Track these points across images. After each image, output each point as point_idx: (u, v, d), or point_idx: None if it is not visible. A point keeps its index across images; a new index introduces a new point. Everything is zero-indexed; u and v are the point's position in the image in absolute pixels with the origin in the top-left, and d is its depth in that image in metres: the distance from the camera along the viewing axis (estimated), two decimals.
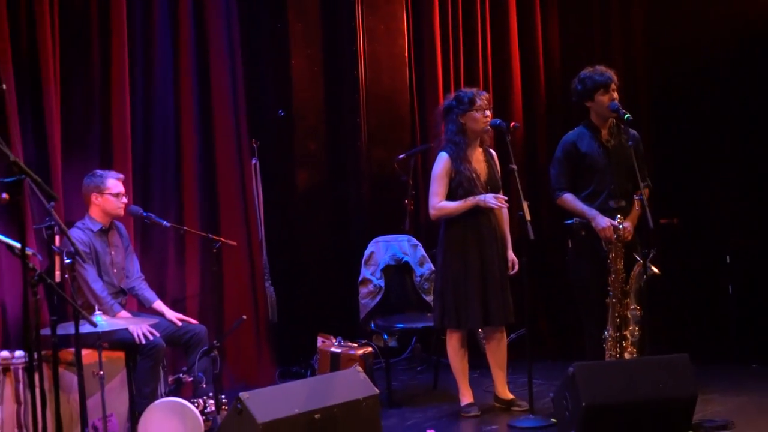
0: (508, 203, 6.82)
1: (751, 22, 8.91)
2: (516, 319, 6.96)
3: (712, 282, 8.78)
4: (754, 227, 8.88)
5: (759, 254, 8.75)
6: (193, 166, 8.16)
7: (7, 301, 6.94)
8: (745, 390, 7.12)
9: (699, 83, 9.12)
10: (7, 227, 6.25)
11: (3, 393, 6.05)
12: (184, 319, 7.00)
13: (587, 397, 5.89)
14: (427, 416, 6.98)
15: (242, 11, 8.54)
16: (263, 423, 5.32)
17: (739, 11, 8.92)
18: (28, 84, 7.13)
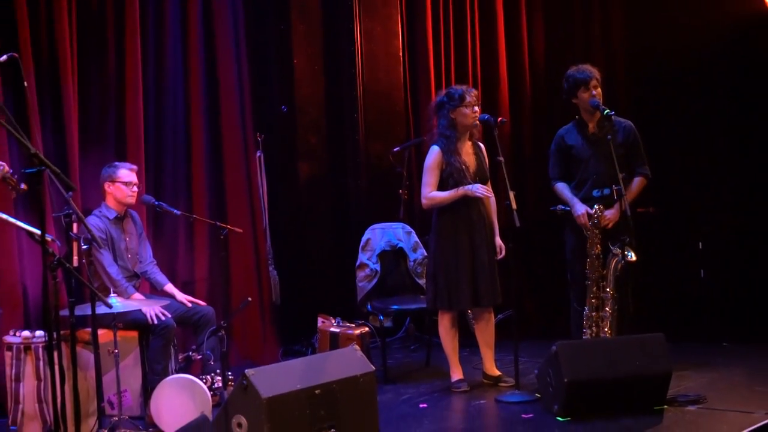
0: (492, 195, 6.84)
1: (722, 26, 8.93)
2: (503, 300, 6.97)
3: (685, 266, 8.78)
4: (725, 216, 8.90)
5: (729, 241, 8.79)
6: (202, 158, 8.15)
7: (28, 284, 6.95)
8: (716, 367, 7.12)
9: (674, 81, 9.14)
10: (28, 215, 6.25)
11: (24, 370, 6.05)
12: (193, 300, 7.00)
13: (569, 374, 5.91)
14: (420, 392, 6.98)
15: (248, 13, 8.53)
16: (267, 398, 5.31)
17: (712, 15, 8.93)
18: (48, 81, 7.13)
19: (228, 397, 5.57)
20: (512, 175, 6.75)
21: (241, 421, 5.38)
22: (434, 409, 6.51)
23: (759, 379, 6.67)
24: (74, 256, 5.77)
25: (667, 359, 6.09)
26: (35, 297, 6.94)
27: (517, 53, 9.53)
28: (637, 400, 6.00)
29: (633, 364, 6.01)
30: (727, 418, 5.71)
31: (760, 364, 7.15)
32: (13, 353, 6.08)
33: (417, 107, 9.18)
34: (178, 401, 6.04)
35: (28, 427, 6.03)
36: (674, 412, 5.97)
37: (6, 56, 4.98)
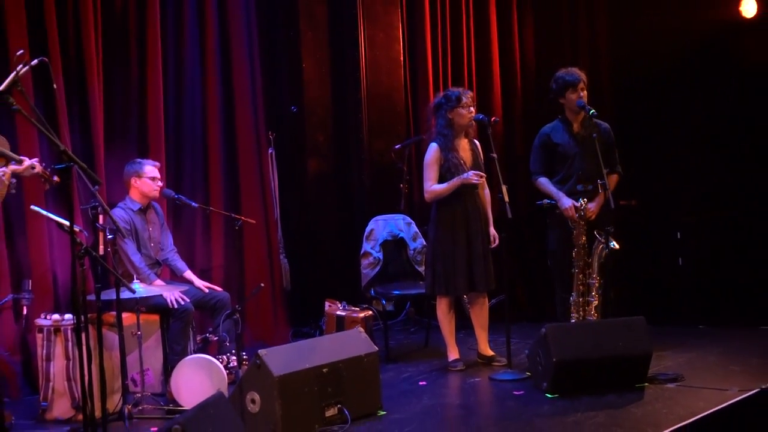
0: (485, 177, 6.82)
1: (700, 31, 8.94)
2: (496, 286, 6.96)
3: (664, 255, 8.80)
4: (701, 208, 8.91)
5: (704, 232, 8.79)
6: (218, 154, 8.15)
7: (58, 272, 6.96)
8: (693, 348, 7.11)
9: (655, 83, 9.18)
10: (58, 207, 6.25)
11: (54, 350, 6.06)
12: (210, 286, 7.01)
13: (557, 354, 5.91)
14: (419, 370, 6.98)
15: (260, 21, 8.51)
16: (279, 376, 5.32)
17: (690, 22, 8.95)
18: (75, 83, 7.13)
19: (242, 376, 5.58)
20: (504, 171, 6.74)
21: (255, 398, 5.39)
22: (432, 386, 6.51)
23: (733, 359, 6.67)
24: (100, 245, 5.78)
25: (648, 341, 6.09)
26: (64, 283, 6.95)
27: (509, 57, 9.54)
28: (620, 378, 6.00)
29: (616, 345, 6.01)
30: (703, 395, 5.71)
31: (733, 345, 7.15)
32: (44, 335, 6.09)
33: (416, 108, 9.16)
34: (197, 379, 6.06)
35: (57, 403, 6.04)
36: (654, 390, 5.96)
37: (36, 60, 4.98)
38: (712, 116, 9.04)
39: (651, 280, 8.79)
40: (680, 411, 5.39)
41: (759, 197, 8.81)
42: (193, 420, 4.40)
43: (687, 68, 9.07)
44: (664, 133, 9.07)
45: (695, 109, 9.09)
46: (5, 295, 6.65)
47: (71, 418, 5.98)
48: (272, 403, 5.31)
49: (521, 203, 8.43)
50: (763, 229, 8.69)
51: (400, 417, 5.71)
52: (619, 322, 6.23)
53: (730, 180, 8.92)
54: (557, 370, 5.92)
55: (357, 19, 8.94)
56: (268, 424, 5.32)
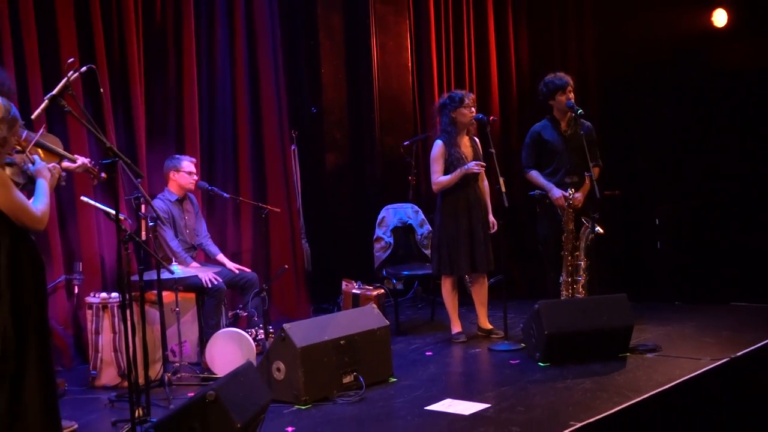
0: (485, 167, 6.82)
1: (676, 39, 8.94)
2: (495, 267, 6.96)
3: (644, 239, 8.78)
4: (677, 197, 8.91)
5: (680, 218, 8.78)
6: (246, 151, 8.15)
7: (105, 255, 6.99)
8: (669, 322, 7.10)
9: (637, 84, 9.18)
10: (105, 198, 6.27)
11: (102, 325, 6.08)
12: (240, 268, 7.01)
13: (549, 327, 5.92)
14: (426, 342, 6.98)
15: (284, 31, 8.50)
16: (301, 347, 5.33)
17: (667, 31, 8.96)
18: (119, 87, 7.14)
19: (269, 347, 5.60)
20: (501, 164, 6.72)
21: (280, 367, 5.40)
22: (438, 356, 6.52)
23: (705, 332, 6.66)
24: (142, 232, 5.79)
25: (630, 315, 6.10)
26: (111, 265, 6.97)
27: (506, 63, 9.50)
28: (604, 348, 6.00)
29: (601, 320, 6.01)
30: (679, 364, 5.70)
31: (706, 319, 7.13)
32: (93, 311, 6.12)
33: (423, 108, 9.15)
34: (228, 350, 6.07)
35: (105, 372, 6.07)
36: (635, 359, 5.96)
37: (85, 68, 4.98)
38: (687, 114, 9.05)
39: (632, 261, 8.79)
40: (659, 378, 5.39)
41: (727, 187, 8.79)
42: (226, 386, 4.41)
43: (665, 71, 9.07)
44: (644, 130, 9.07)
45: (672, 107, 9.10)
46: (59, 276, 6.68)
47: (117, 385, 6.01)
48: (296, 371, 5.33)
49: (516, 193, 8.40)
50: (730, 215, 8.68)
51: (409, 383, 5.72)
52: (604, 298, 6.24)
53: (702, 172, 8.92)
54: (549, 342, 5.92)
55: (369, 29, 8.91)
56: (292, 390, 5.34)
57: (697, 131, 8.95)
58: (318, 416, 5.12)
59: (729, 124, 8.80)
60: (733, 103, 8.78)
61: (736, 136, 8.78)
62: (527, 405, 5.05)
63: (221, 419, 4.25)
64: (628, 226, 8.83)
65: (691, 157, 8.99)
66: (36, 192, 4.16)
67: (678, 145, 9.04)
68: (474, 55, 9.36)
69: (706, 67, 9.01)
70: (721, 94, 8.86)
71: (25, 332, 3.95)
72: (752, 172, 8.69)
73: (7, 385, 3.90)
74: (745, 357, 5.85)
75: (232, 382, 4.53)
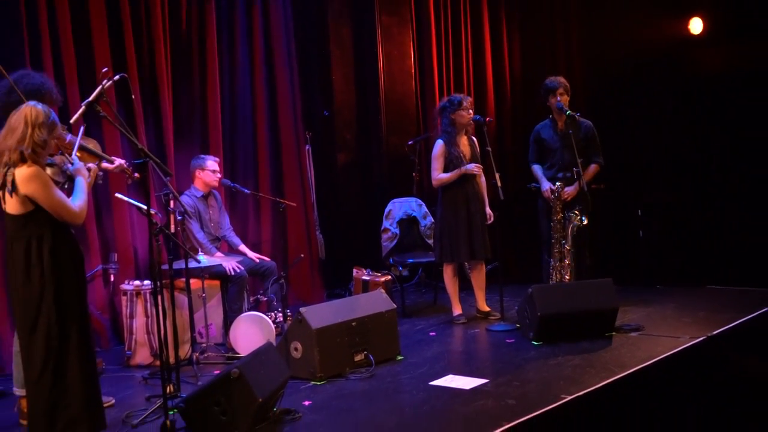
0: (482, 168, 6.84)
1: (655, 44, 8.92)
2: (492, 254, 6.97)
3: (628, 228, 8.77)
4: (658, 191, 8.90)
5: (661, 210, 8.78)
6: (265, 150, 8.15)
7: (138, 246, 7.01)
8: (651, 304, 7.11)
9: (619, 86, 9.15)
10: (137, 194, 6.28)
11: (136, 309, 6.11)
12: (260, 257, 7.03)
13: (541, 309, 5.93)
14: (429, 323, 7.00)
15: (298, 41, 8.48)
16: (316, 328, 5.35)
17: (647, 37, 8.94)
18: (149, 94, 7.16)
19: (287, 329, 5.62)
20: (497, 161, 6.73)
21: (298, 346, 5.42)
22: (440, 336, 6.53)
23: (684, 313, 6.66)
24: (171, 225, 5.80)
25: (615, 298, 6.11)
26: (143, 255, 7.00)
27: (500, 68, 9.49)
28: (592, 328, 6.01)
29: (589, 302, 6.03)
30: (660, 342, 5.71)
31: (684, 301, 7.13)
32: (127, 297, 6.14)
33: (425, 110, 9.14)
34: (250, 332, 6.10)
35: (139, 352, 6.10)
36: (620, 337, 5.98)
37: (118, 76, 5.00)
38: (666, 114, 9.02)
39: (617, 249, 8.77)
40: (642, 354, 5.41)
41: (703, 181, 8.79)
42: (248, 365, 4.44)
43: (645, 75, 9.04)
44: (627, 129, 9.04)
45: (652, 108, 9.06)
46: (96, 266, 6.70)
47: (150, 364, 6.04)
48: (312, 350, 5.35)
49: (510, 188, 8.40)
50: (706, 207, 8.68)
51: (414, 361, 5.74)
52: (592, 283, 6.25)
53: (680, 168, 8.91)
54: (541, 322, 5.93)
55: (376, 39, 8.91)
56: (309, 368, 5.36)
57: (675, 130, 8.93)
58: (332, 391, 5.14)
59: (704, 123, 8.78)
60: (708, 104, 8.76)
61: (710, 134, 8.77)
62: (522, 380, 5.07)
63: (244, 394, 4.28)
64: (613, 217, 8.82)
65: (670, 154, 8.97)
66: (75, 190, 4.18)
67: (658, 143, 9.03)
68: (471, 61, 9.35)
69: (683, 71, 8.98)
70: (697, 95, 8.85)
71: (68, 317, 3.97)
72: (725, 167, 8.68)
73: (51, 364, 3.93)
74: (721, 335, 5.86)
75: (254, 360, 4.56)
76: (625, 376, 5.01)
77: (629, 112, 9.13)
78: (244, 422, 4.28)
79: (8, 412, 5.04)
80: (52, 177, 4.12)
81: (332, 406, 4.84)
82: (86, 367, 4.01)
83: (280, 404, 4.72)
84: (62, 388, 3.95)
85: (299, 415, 4.63)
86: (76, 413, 3.96)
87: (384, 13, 8.95)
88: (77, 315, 4.02)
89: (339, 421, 4.57)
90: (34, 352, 3.93)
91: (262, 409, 4.39)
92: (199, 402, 4.35)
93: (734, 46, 8.77)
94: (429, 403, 4.77)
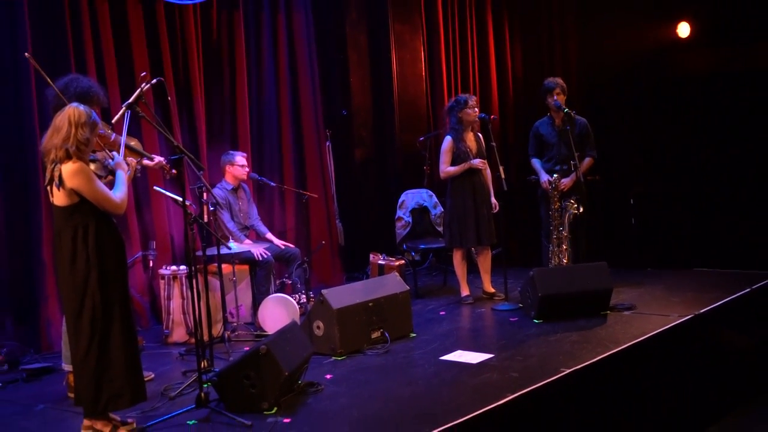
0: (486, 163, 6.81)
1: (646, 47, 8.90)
2: (497, 240, 6.93)
3: (621, 216, 8.74)
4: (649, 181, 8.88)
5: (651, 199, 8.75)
6: (290, 147, 8.13)
7: (175, 235, 7.03)
8: (643, 285, 7.05)
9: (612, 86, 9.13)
10: (173, 187, 6.29)
11: (173, 292, 6.12)
12: (285, 244, 7.02)
13: (542, 290, 5.91)
14: (440, 303, 6.98)
15: (319, 47, 8.45)
16: (337, 308, 5.34)
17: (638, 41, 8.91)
18: (184, 96, 7.17)
19: (310, 309, 5.61)
20: (501, 155, 6.69)
21: (320, 325, 5.42)
22: (450, 315, 6.51)
23: (673, 293, 6.61)
24: (205, 215, 5.81)
25: (609, 280, 6.07)
26: (179, 243, 7.01)
27: (503, 71, 9.44)
28: (588, 307, 5.98)
29: (586, 283, 5.99)
30: (651, 320, 5.67)
31: (673, 283, 7.07)
32: (165, 281, 6.15)
33: (435, 109, 9.10)
34: (277, 312, 6.09)
35: (176, 331, 6.11)
36: (614, 316, 5.94)
37: (156, 80, 4.99)
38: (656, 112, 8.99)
39: (611, 235, 8.74)
40: (634, 331, 5.37)
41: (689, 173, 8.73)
42: (275, 342, 4.43)
43: (636, 75, 9.02)
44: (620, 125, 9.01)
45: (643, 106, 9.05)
46: (136, 253, 6.72)
47: (186, 342, 6.05)
48: (332, 328, 5.34)
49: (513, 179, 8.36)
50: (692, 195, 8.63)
51: (426, 338, 5.73)
52: (588, 266, 6.22)
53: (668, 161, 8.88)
54: (542, 302, 5.91)
55: (389, 45, 8.87)
56: (330, 344, 5.35)
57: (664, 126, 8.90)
58: (351, 365, 5.14)
59: (691, 120, 8.75)
60: (694, 102, 8.74)
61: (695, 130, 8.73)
62: (524, 355, 5.05)
63: (272, 368, 4.27)
64: (607, 206, 8.78)
65: (659, 149, 8.95)
66: (116, 183, 4.18)
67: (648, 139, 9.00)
68: (477, 64, 9.31)
69: (672, 71, 8.95)
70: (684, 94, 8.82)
71: (111, 299, 3.97)
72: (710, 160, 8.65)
73: (96, 342, 3.94)
74: (707, 314, 5.81)
75: (280, 338, 4.55)
76: (618, 351, 4.98)
77: (622, 110, 9.10)
78: (271, 394, 4.28)
79: (58, 386, 5.06)
80: (95, 171, 4.11)
81: (351, 378, 4.84)
82: (128, 344, 4.01)
83: (304, 377, 4.72)
84: (106, 363, 3.95)
85: (321, 387, 4.63)
86: (119, 387, 3.97)
87: (397, 22, 8.91)
88: (120, 297, 4.01)
89: (357, 392, 4.56)
90: (81, 332, 3.93)
91: (288, 382, 4.39)
92: (230, 376, 4.35)
93: (718, 49, 8.74)
94: (439, 376, 4.76)
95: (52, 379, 5.35)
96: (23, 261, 6.16)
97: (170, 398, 4.64)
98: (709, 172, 8.63)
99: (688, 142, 8.78)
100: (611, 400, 4.88)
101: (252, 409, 4.24)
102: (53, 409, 4.69)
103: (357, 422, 4.07)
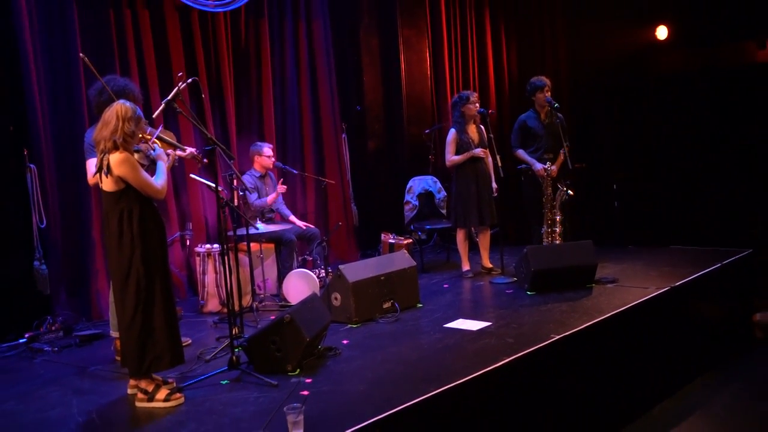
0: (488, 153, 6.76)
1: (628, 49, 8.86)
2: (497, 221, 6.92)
3: (605, 200, 8.71)
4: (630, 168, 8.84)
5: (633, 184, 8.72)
6: (310, 138, 8.12)
7: (208, 217, 7.04)
8: (625, 261, 7.02)
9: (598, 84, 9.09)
10: (207, 175, 6.29)
11: (207, 267, 6.14)
12: (306, 225, 7.01)
13: (535, 265, 5.89)
14: (443, 277, 6.96)
15: (336, 50, 8.40)
16: (352, 282, 5.35)
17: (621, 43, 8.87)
18: (216, 93, 7.15)
19: (329, 283, 5.62)
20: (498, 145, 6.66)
21: (337, 296, 5.43)
22: (452, 288, 6.50)
23: (651, 268, 6.57)
24: (235, 199, 5.81)
25: (594, 256, 6.04)
26: (212, 224, 7.01)
27: (500, 70, 9.37)
28: (575, 281, 5.96)
29: (573, 259, 5.97)
30: (632, 291, 5.65)
31: (652, 259, 7.03)
32: (200, 258, 6.17)
33: (439, 105, 9.05)
34: (299, 285, 6.10)
35: (210, 302, 6.14)
36: (599, 288, 5.91)
37: (191, 79, 4.98)
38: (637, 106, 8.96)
39: (596, 216, 8.71)
40: (617, 302, 5.35)
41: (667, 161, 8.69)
42: (298, 311, 4.44)
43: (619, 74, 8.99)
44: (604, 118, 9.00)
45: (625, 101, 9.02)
46: (175, 233, 6.74)
47: (219, 311, 6.08)
48: (348, 299, 5.35)
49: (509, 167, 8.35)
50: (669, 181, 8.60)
51: (432, 308, 5.73)
52: (575, 244, 6.18)
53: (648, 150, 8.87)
54: (534, 276, 5.89)
55: (398, 47, 8.82)
56: (346, 313, 5.37)
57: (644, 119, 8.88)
58: (365, 332, 5.15)
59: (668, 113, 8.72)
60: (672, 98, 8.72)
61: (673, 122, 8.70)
62: (519, 323, 5.04)
63: (295, 335, 4.29)
64: (592, 190, 8.75)
65: (640, 139, 8.93)
66: (157, 171, 4.19)
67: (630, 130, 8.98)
68: (476, 65, 9.25)
69: (651, 70, 8.91)
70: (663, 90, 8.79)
71: (153, 273, 3.98)
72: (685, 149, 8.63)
73: (140, 311, 3.96)
74: (682, 286, 5.78)
75: (302, 308, 4.56)
76: (603, 319, 4.97)
77: (606, 104, 9.09)
78: (294, 357, 4.29)
79: (106, 350, 5.11)
80: (138, 161, 4.11)
81: (365, 344, 4.85)
82: (169, 313, 4.03)
83: (323, 343, 4.73)
84: (149, 330, 3.97)
85: (339, 351, 4.64)
86: (161, 350, 3.98)
87: (405, 27, 8.86)
88: (161, 271, 4.03)
89: (371, 356, 4.57)
90: (127, 302, 3.95)
91: (309, 347, 4.40)
92: (258, 341, 4.37)
93: (693, 49, 8.69)
94: (443, 342, 4.76)
95: (101, 344, 5.39)
96: (75, 240, 6.19)
97: (206, 361, 4.66)
98: (685, 160, 8.60)
99: (666, 133, 8.77)
100: (597, 363, 4.88)
101: (278, 371, 4.26)
102: (103, 370, 4.72)
103: (370, 382, 4.08)
